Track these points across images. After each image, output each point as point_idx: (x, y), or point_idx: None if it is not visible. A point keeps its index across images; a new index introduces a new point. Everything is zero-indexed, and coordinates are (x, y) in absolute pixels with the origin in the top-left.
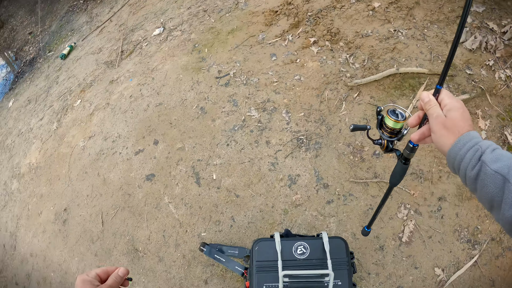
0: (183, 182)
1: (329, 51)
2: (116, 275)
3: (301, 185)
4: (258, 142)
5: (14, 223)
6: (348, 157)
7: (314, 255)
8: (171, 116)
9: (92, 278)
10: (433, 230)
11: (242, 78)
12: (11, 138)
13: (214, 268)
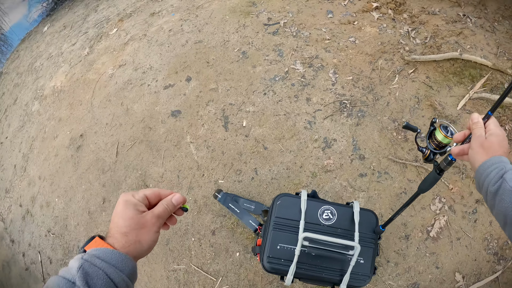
0: (210, 124)
1: (391, 20)
2: (168, 202)
3: (336, 151)
4: (298, 97)
5: (29, 144)
6: (391, 132)
7: (341, 224)
8: (209, 55)
9: (137, 201)
10: (463, 232)
11: (293, 29)
12: (40, 61)
13: (225, 220)
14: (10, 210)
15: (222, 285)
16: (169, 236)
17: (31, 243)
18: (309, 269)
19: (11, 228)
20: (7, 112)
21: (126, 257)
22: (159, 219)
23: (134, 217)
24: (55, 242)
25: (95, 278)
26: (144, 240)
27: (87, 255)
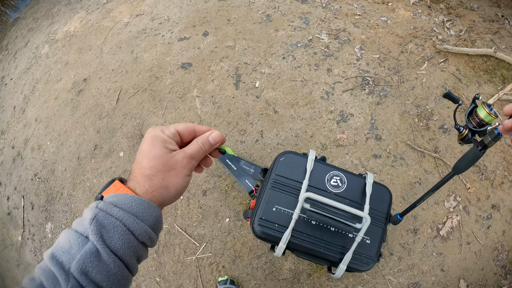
0: (220, 80)
1: (427, 7)
2: (204, 141)
3: (351, 126)
4: (318, 66)
5: (31, 86)
6: (412, 118)
7: (350, 194)
8: (231, 14)
9: (166, 137)
10: (474, 237)
11: (323, 1)
12: (58, 7)
13: (219, 181)
14: (2, 152)
15: (204, 252)
16: None
17: (17, 186)
18: (306, 240)
19: (0, 170)
20: (17, 54)
21: (149, 204)
22: (192, 160)
23: (162, 156)
24: (40, 187)
25: (111, 230)
26: (172, 184)
27: (102, 204)
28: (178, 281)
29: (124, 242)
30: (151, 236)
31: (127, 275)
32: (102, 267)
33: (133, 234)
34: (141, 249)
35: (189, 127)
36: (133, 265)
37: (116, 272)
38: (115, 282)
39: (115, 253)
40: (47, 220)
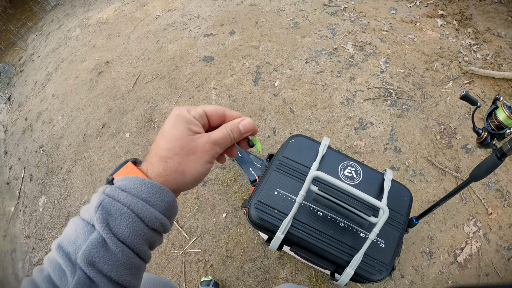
0: (239, 75)
1: (454, 30)
2: (234, 127)
3: (370, 135)
4: (341, 73)
5: (56, 65)
6: (434, 134)
7: (366, 188)
8: (260, 17)
9: (192, 117)
10: (493, 269)
11: (352, 15)
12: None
13: (222, 173)
14: (15, 123)
15: (194, 247)
16: None
17: (21, 157)
18: (309, 233)
19: (9, 140)
20: (49, 35)
21: (161, 189)
22: (216, 146)
23: (182, 138)
24: (42, 160)
25: (119, 218)
26: (189, 170)
27: (109, 189)
28: (160, 275)
29: (133, 230)
30: (163, 222)
31: (138, 263)
32: (110, 257)
33: (143, 221)
34: (153, 236)
35: (219, 110)
36: (144, 253)
37: (125, 261)
38: (125, 271)
39: (123, 241)
40: (42, 193)
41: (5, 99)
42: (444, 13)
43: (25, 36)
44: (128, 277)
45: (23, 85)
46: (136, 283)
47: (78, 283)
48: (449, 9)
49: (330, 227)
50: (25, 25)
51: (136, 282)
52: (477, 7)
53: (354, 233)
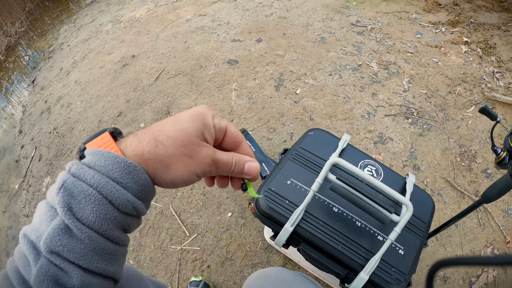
0: (262, 80)
1: (478, 57)
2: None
3: (389, 150)
4: (363, 88)
5: (83, 54)
6: (455, 156)
7: None
8: (288, 29)
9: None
10: None
11: (378, 36)
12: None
13: None
14: (35, 104)
15: (192, 244)
16: None
17: (34, 138)
18: (321, 230)
19: (26, 120)
20: (81, 28)
21: (136, 169)
22: (214, 166)
23: (190, 136)
24: (54, 141)
25: (83, 201)
26: (175, 169)
27: (75, 166)
28: (153, 270)
29: (100, 214)
30: (136, 205)
31: (112, 248)
32: (75, 245)
33: (112, 204)
34: (126, 219)
35: (239, 137)
36: (117, 237)
37: (94, 247)
38: (95, 258)
39: (89, 227)
40: (48, 174)
41: (29, 82)
42: (468, 40)
43: (58, 27)
44: (101, 264)
45: (48, 70)
46: (113, 269)
47: (40, 271)
48: (473, 37)
49: (345, 225)
50: (59, 17)
51: (113, 267)
52: (501, 37)
53: (371, 234)
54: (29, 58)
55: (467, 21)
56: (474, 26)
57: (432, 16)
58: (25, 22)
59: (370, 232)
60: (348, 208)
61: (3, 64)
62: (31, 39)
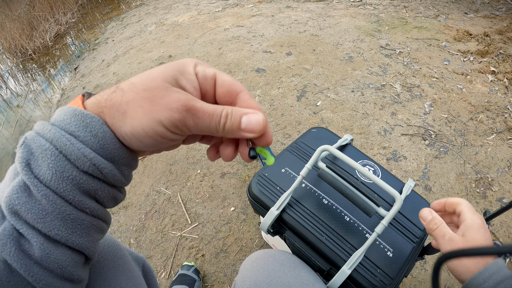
0: (285, 90)
1: (504, 87)
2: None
3: (401, 168)
4: (384, 107)
5: (125, 50)
6: (469, 182)
7: (382, 191)
8: (318, 46)
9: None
10: None
11: (405, 59)
12: (178, 4)
13: (242, 169)
14: (73, 89)
15: (192, 232)
16: (179, 158)
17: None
18: (307, 220)
19: (63, 102)
20: (127, 26)
21: (94, 120)
22: (187, 113)
23: (156, 80)
24: None
25: (40, 156)
26: (132, 115)
27: (38, 124)
28: (150, 252)
29: (56, 171)
30: (96, 163)
31: (76, 215)
32: (33, 205)
33: (69, 160)
34: (89, 182)
35: (235, 86)
36: (80, 202)
37: (53, 210)
38: (55, 223)
39: (47, 185)
40: None
41: (72, 69)
42: (496, 70)
43: (106, 23)
44: (63, 232)
45: (91, 60)
46: (81, 241)
47: (3, 234)
48: (501, 68)
49: (333, 218)
50: (108, 14)
51: (80, 239)
52: None
53: (359, 231)
54: (75, 47)
55: (496, 51)
56: (503, 57)
57: (462, 45)
58: (76, 14)
59: (358, 228)
60: (338, 201)
61: (50, 49)
62: (79, 31)
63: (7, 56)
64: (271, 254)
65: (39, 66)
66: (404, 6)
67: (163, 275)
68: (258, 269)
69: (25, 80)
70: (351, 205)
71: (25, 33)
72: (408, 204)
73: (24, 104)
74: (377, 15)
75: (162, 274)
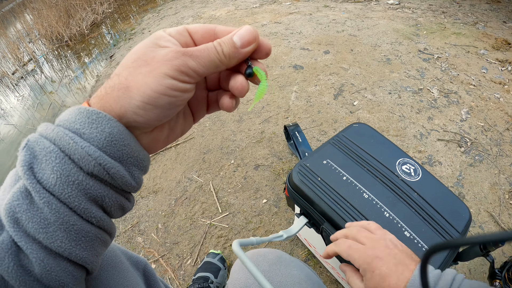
0: (322, 87)
1: None
2: (224, 39)
3: (435, 173)
4: (420, 111)
5: None
6: (503, 193)
7: (422, 189)
8: (356, 46)
9: (167, 34)
10: None
11: (443, 65)
12: None
13: (277, 162)
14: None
15: (222, 221)
16: (213, 147)
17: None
18: (347, 213)
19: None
20: (164, 18)
21: (100, 116)
22: (185, 57)
23: (140, 50)
24: None
25: (43, 159)
26: (136, 84)
27: (42, 125)
28: (177, 238)
29: (61, 175)
30: (102, 162)
31: (81, 225)
32: (35, 213)
33: (73, 161)
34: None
35: (208, 27)
36: (86, 210)
37: (56, 219)
38: (58, 234)
39: (50, 191)
40: None
41: (107, 57)
42: None
43: (142, 14)
44: (66, 243)
45: (127, 49)
46: (85, 254)
47: (1, 249)
48: None
49: (373, 212)
50: (144, 6)
51: (84, 253)
52: None
53: (398, 228)
54: (111, 36)
55: None
56: None
57: (500, 54)
58: (113, 5)
59: (397, 225)
60: (378, 196)
61: (86, 37)
62: (115, 21)
63: (43, 42)
64: (261, 254)
65: (74, 53)
66: (443, 12)
67: (189, 261)
68: (247, 272)
69: (59, 65)
70: (391, 202)
71: (62, 21)
72: (448, 208)
73: (58, 89)
74: (415, 19)
75: (188, 261)
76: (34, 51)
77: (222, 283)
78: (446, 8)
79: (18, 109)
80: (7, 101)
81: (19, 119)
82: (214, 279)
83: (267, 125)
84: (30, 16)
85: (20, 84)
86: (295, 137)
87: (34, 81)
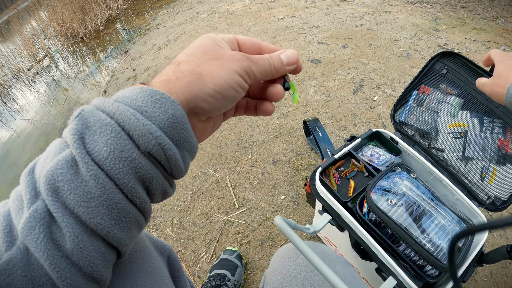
0: (341, 82)
1: None
2: (274, 55)
3: None
4: None
5: (177, 35)
6: None
7: None
8: (374, 41)
9: (220, 39)
10: None
11: None
12: None
13: (296, 157)
14: (123, 71)
15: (238, 217)
16: (230, 142)
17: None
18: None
19: (112, 82)
20: (179, 13)
21: (164, 96)
22: (249, 60)
23: (209, 47)
24: None
25: (98, 131)
26: (210, 73)
27: (97, 99)
28: (193, 233)
29: (115, 149)
30: (162, 142)
31: (124, 205)
32: (78, 184)
33: (131, 137)
34: (148, 167)
35: (254, 41)
36: (133, 190)
37: (100, 194)
38: (100, 210)
39: (99, 164)
40: None
41: (122, 52)
42: None
43: (156, 10)
44: (106, 221)
45: (142, 44)
46: (122, 235)
47: (33, 216)
48: None
49: None
50: (158, 2)
51: (121, 233)
52: None
53: None
54: (126, 32)
55: None
56: None
57: None
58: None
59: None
60: None
61: (101, 33)
62: (129, 17)
63: (58, 38)
64: None
65: (89, 49)
66: (462, 7)
67: (204, 258)
68: (290, 263)
69: (74, 61)
70: None
71: (77, 17)
72: None
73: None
74: (435, 13)
75: (203, 257)
76: (49, 47)
77: (239, 281)
78: (465, 3)
79: (33, 104)
80: (23, 96)
81: (35, 114)
82: (231, 277)
83: (285, 120)
84: (45, 13)
85: (35, 80)
86: (315, 132)
87: (50, 77)
